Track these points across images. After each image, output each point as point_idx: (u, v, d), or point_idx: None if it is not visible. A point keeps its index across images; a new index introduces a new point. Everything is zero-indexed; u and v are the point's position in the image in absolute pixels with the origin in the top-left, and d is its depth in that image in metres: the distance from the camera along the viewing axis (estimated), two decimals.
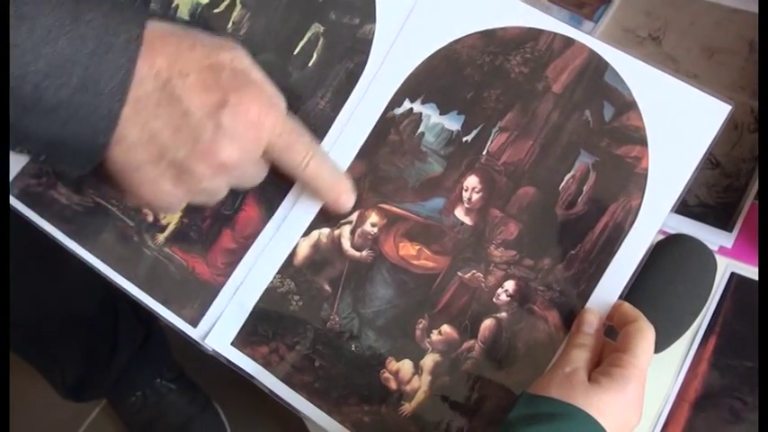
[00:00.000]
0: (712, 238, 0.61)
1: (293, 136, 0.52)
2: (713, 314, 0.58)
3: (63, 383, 1.19)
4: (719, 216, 0.63)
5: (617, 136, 0.52)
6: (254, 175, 0.54)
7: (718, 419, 0.55)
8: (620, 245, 0.51)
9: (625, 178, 0.51)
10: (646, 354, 0.47)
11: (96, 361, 1.18)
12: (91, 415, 1.41)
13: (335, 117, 0.58)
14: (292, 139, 0.52)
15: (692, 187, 0.50)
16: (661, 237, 0.54)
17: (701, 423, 0.55)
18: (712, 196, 0.64)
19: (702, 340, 0.58)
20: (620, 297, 0.50)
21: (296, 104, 0.59)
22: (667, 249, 0.54)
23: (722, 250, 0.61)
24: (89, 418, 1.41)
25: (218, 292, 0.58)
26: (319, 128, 0.58)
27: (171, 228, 0.60)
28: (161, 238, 0.60)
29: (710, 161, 0.65)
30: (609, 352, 0.48)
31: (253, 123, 0.49)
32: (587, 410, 0.44)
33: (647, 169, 0.51)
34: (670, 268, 0.53)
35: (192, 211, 0.60)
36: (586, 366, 0.47)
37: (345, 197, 0.55)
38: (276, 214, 0.58)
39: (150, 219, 0.61)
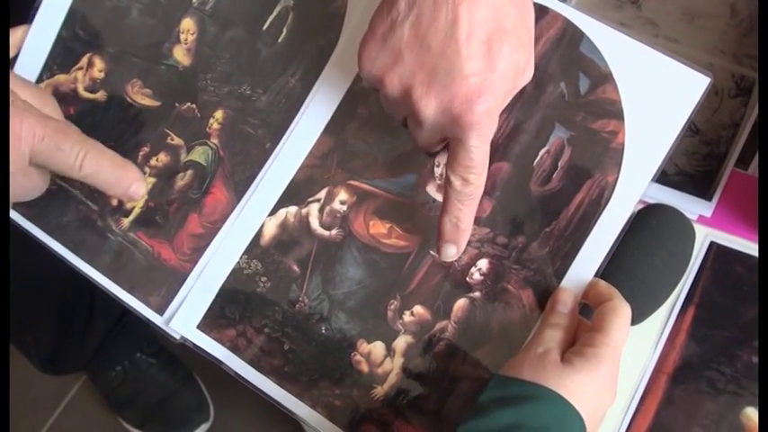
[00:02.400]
0: (691, 207, 0.60)
1: (58, 136, 0.50)
2: (692, 284, 0.58)
3: (38, 355, 1.19)
4: (699, 184, 0.62)
5: (593, 109, 0.51)
6: (30, 188, 0.52)
7: (696, 391, 0.55)
8: (595, 222, 0.50)
9: (601, 154, 0.50)
10: (620, 333, 0.46)
11: (71, 332, 1.17)
12: (71, 391, 1.42)
13: (306, 96, 0.56)
14: (58, 140, 0.49)
15: (671, 155, 0.49)
16: (639, 206, 0.53)
17: (679, 395, 0.55)
18: (692, 164, 0.63)
19: (681, 311, 0.57)
20: (597, 274, 0.50)
21: (265, 83, 0.58)
22: (645, 219, 0.53)
23: (701, 219, 0.60)
24: (69, 394, 1.41)
25: (185, 278, 0.57)
26: (289, 108, 0.57)
27: (136, 212, 0.59)
28: (126, 222, 0.59)
29: (690, 128, 0.63)
30: (584, 331, 0.48)
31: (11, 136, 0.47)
32: (559, 392, 0.43)
33: (623, 144, 0.50)
34: (648, 239, 0.53)
35: (158, 194, 0.59)
36: (560, 347, 0.47)
37: (135, 187, 0.53)
38: (245, 197, 0.57)
39: (115, 203, 0.60)
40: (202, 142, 0.59)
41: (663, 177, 0.62)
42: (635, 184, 0.50)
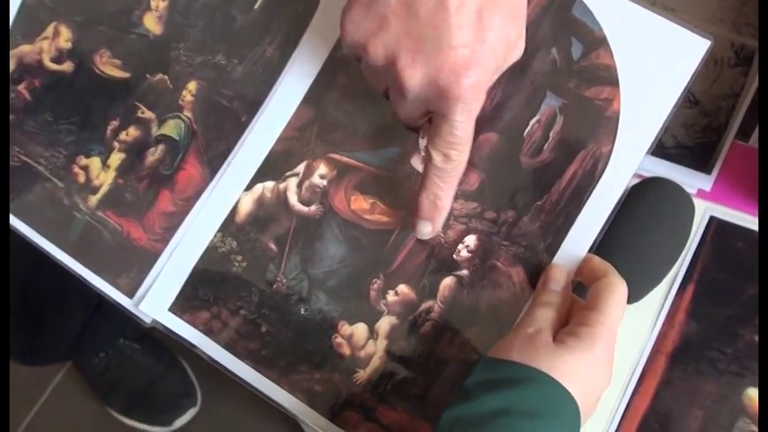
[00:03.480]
0: (690, 180, 0.60)
1: None
2: (691, 261, 0.57)
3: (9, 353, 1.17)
4: (698, 157, 0.61)
5: (586, 76, 0.49)
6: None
7: (696, 372, 0.54)
8: (589, 195, 0.48)
9: (595, 122, 0.49)
10: (616, 311, 0.45)
11: (46, 324, 1.16)
12: (55, 378, 1.41)
13: (284, 65, 0.55)
14: None
15: (668, 127, 0.48)
16: (636, 181, 0.52)
17: (678, 375, 0.54)
18: (690, 136, 0.62)
19: (680, 288, 0.56)
20: (591, 250, 0.48)
21: (240, 52, 0.56)
22: (642, 193, 0.53)
23: (701, 193, 0.60)
24: (54, 382, 1.41)
25: (156, 259, 0.55)
26: (266, 78, 0.55)
27: (104, 189, 0.57)
28: (93, 200, 0.57)
29: (689, 99, 0.63)
30: (577, 311, 0.46)
31: None
32: (551, 374, 0.42)
33: (618, 112, 0.48)
34: (645, 214, 0.52)
35: (128, 170, 0.57)
36: (552, 326, 0.45)
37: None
38: (219, 172, 0.55)
39: (82, 179, 0.58)
40: (174, 115, 0.57)
41: (660, 150, 0.61)
42: (631, 155, 0.48)
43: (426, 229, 0.49)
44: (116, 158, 0.58)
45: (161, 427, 1.33)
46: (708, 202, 0.59)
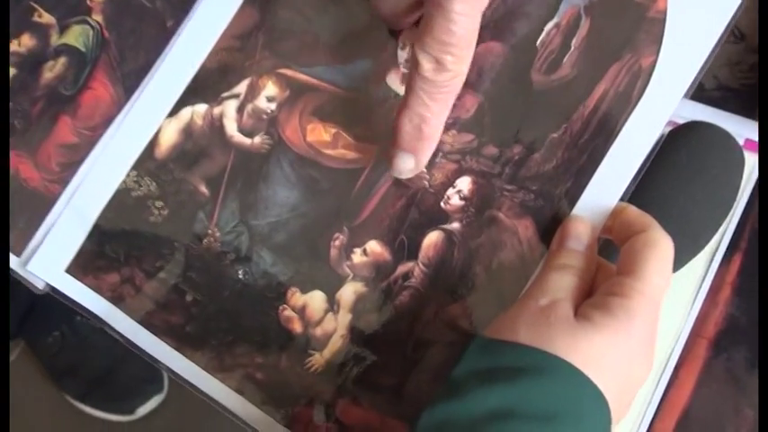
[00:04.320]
0: (736, 128, 0.54)
1: None
2: (738, 224, 0.53)
3: None
4: (745, 101, 0.59)
5: None
6: None
7: (743, 361, 0.50)
8: (623, 123, 0.43)
9: (633, 26, 0.43)
10: (660, 276, 0.39)
11: None
12: (9, 359, 1.42)
13: None
14: None
15: (710, 67, 0.43)
16: (670, 128, 0.49)
17: (721, 366, 0.50)
18: (735, 77, 0.60)
19: (724, 259, 0.53)
20: (623, 200, 0.43)
21: None
22: (681, 140, 0.48)
23: (749, 144, 0.55)
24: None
25: (52, 206, 0.49)
26: None
27: None
28: None
29: (733, 33, 0.59)
30: (605, 277, 0.41)
31: None
32: (571, 360, 0.36)
33: (664, 12, 0.43)
34: (685, 164, 0.48)
35: (18, 90, 0.52)
36: (572, 297, 0.40)
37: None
38: (136, 93, 0.49)
39: None
40: (81, 20, 0.52)
41: (699, 92, 0.59)
42: (682, 69, 0.42)
43: (407, 165, 0.43)
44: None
45: (122, 416, 1.32)
46: (758, 154, 0.54)
